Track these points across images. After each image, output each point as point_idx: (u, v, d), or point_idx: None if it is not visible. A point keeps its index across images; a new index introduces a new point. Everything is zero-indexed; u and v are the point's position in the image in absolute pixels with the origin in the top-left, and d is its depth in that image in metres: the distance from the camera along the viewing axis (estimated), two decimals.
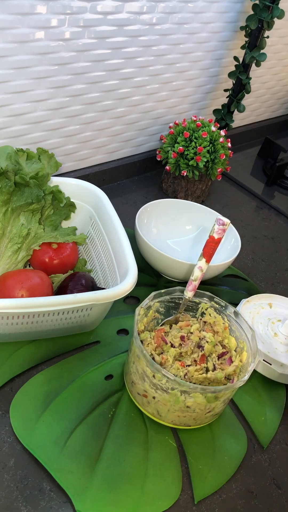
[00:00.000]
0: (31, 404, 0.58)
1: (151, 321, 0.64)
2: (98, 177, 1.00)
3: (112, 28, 0.81)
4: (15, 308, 0.54)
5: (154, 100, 1.00)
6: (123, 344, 0.69)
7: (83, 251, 0.78)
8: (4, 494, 0.51)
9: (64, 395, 0.60)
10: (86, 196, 0.76)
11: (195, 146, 0.93)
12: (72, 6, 0.74)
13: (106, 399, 0.61)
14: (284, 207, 1.12)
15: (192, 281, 0.63)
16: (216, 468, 0.58)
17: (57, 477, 0.53)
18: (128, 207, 0.98)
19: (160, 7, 0.86)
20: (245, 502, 0.56)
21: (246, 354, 0.60)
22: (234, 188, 1.15)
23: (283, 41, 1.22)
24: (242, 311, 0.74)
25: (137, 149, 1.07)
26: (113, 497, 0.52)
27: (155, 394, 0.57)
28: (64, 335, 0.67)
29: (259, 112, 1.38)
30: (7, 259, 0.67)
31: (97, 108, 0.90)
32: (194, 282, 0.63)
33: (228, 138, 1.02)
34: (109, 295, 0.59)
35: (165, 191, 1.05)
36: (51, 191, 0.71)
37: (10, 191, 0.65)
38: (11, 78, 0.74)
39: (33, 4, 0.69)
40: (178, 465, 0.57)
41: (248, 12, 0.99)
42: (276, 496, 0.57)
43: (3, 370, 0.61)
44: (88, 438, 0.57)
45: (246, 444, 0.61)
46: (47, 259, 0.70)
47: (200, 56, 1.02)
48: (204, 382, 0.57)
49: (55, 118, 0.85)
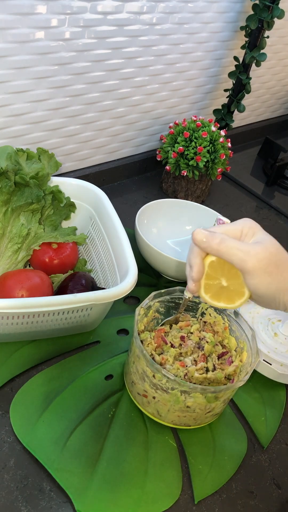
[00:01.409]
0: (31, 404, 0.58)
1: (151, 321, 0.64)
2: (98, 177, 1.00)
3: (112, 28, 0.81)
4: (15, 308, 0.54)
5: (154, 100, 1.00)
6: (123, 344, 0.69)
7: (83, 251, 0.78)
8: (4, 494, 0.51)
9: (64, 395, 0.60)
10: (86, 196, 0.76)
11: (195, 146, 0.93)
12: (72, 6, 0.74)
13: (106, 399, 0.61)
14: (284, 207, 1.12)
15: None
16: (216, 468, 0.58)
17: (57, 477, 0.53)
18: (128, 207, 0.98)
19: (160, 7, 0.86)
20: (245, 502, 0.56)
21: (246, 354, 0.59)
22: (234, 188, 1.15)
23: (283, 41, 1.22)
24: (242, 311, 0.74)
25: (137, 149, 1.07)
26: (113, 497, 0.52)
27: (155, 394, 0.57)
28: (64, 335, 0.67)
29: (259, 112, 1.38)
30: (7, 259, 0.67)
31: (97, 108, 0.90)
32: None
33: (228, 138, 1.02)
34: (109, 295, 0.59)
35: (165, 191, 1.05)
36: (51, 191, 0.71)
37: (10, 191, 0.65)
38: (11, 78, 0.74)
39: (33, 4, 0.69)
40: (178, 465, 0.57)
41: (248, 12, 0.99)
42: (276, 496, 0.57)
43: (3, 370, 0.61)
44: (88, 438, 0.57)
45: (246, 444, 0.61)
46: (47, 259, 0.70)
47: (200, 56, 1.02)
48: (204, 382, 0.57)
49: (55, 118, 0.85)
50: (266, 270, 0.46)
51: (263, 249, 0.46)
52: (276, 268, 0.46)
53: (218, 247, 0.47)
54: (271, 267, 0.46)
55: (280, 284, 0.47)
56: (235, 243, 0.46)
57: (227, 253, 0.46)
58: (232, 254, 0.46)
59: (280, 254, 0.47)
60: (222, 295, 0.51)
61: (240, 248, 0.46)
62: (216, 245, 0.47)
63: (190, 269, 0.50)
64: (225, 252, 0.46)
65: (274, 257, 0.46)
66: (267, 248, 0.46)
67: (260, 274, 0.46)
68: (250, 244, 0.47)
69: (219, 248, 0.46)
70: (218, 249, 0.47)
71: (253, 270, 0.46)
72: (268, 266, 0.46)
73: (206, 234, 0.47)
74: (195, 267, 0.50)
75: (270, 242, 0.47)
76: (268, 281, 0.47)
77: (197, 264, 0.49)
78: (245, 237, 0.49)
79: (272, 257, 0.46)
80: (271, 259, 0.46)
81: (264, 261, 0.46)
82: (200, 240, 0.47)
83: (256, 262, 0.46)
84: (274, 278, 0.47)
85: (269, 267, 0.46)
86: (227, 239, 0.47)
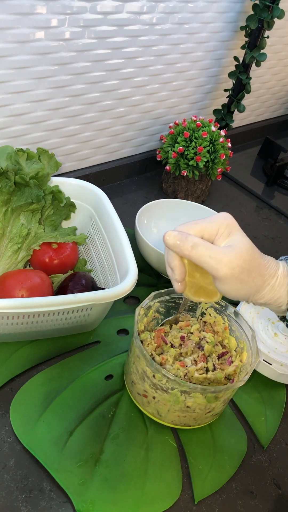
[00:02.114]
0: (31, 404, 0.58)
1: (151, 321, 0.64)
2: (98, 177, 1.00)
3: (112, 28, 0.81)
4: (15, 308, 0.54)
5: (154, 100, 1.00)
6: (123, 344, 0.69)
7: (83, 251, 0.78)
8: (4, 494, 0.51)
9: (64, 395, 0.60)
10: (86, 196, 0.76)
11: (195, 146, 0.93)
12: (72, 6, 0.74)
13: (106, 399, 0.61)
14: (284, 207, 1.12)
15: None
16: (216, 468, 0.58)
17: (57, 477, 0.53)
18: (128, 207, 0.98)
19: (160, 7, 0.86)
20: (245, 502, 0.56)
21: (246, 354, 0.59)
22: (234, 188, 1.15)
23: (283, 41, 1.22)
24: (242, 311, 0.74)
25: (137, 149, 1.07)
26: (113, 497, 0.52)
27: (155, 394, 0.57)
28: (64, 335, 0.67)
29: (259, 112, 1.38)
30: (7, 259, 0.67)
31: (97, 108, 0.90)
32: None
33: (228, 138, 1.02)
34: (109, 295, 0.59)
35: (165, 191, 1.05)
36: (51, 191, 0.71)
37: (10, 191, 0.65)
38: (11, 78, 0.74)
39: (33, 4, 0.69)
40: (178, 465, 0.57)
41: (248, 12, 0.99)
42: (276, 496, 0.57)
43: (3, 370, 0.61)
44: (88, 438, 0.57)
45: (246, 444, 0.61)
46: (47, 259, 0.70)
47: (200, 56, 1.02)
48: (204, 382, 0.57)
49: (55, 118, 0.85)
50: (237, 278, 0.45)
51: (236, 256, 0.45)
52: (248, 274, 0.46)
53: (189, 253, 0.45)
54: (243, 274, 0.45)
55: (250, 289, 0.47)
56: (207, 250, 0.45)
57: (199, 260, 0.45)
58: (203, 262, 0.45)
59: (253, 259, 0.46)
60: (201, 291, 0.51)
61: (212, 256, 0.45)
62: (187, 250, 0.45)
63: (172, 272, 0.49)
64: (196, 259, 0.45)
65: (247, 264, 0.45)
66: (241, 255, 0.45)
67: (232, 281, 0.45)
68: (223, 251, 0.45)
69: (191, 254, 0.45)
70: (189, 255, 0.45)
71: (224, 278, 0.45)
72: (240, 273, 0.45)
73: (178, 237, 0.46)
74: (176, 269, 0.48)
75: (245, 246, 0.46)
76: (239, 287, 0.46)
77: (177, 266, 0.48)
78: (220, 237, 0.47)
79: (245, 264, 0.45)
80: (244, 267, 0.45)
81: (237, 269, 0.45)
82: (173, 244, 0.46)
83: (228, 270, 0.45)
84: (245, 284, 0.46)
85: (241, 275, 0.45)
86: (199, 245, 0.45)
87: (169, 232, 0.47)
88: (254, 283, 0.47)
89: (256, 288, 0.47)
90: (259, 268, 0.47)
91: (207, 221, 0.48)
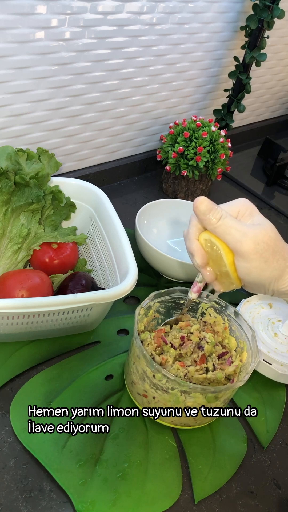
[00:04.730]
0: (31, 404, 0.58)
1: (151, 321, 0.64)
2: (98, 177, 1.00)
3: (112, 28, 0.81)
4: (15, 308, 0.54)
5: (154, 100, 1.00)
6: (123, 344, 0.69)
7: (83, 251, 0.78)
8: (4, 494, 0.51)
9: (64, 395, 0.60)
10: (86, 196, 0.76)
11: (195, 146, 0.93)
12: (72, 6, 0.74)
13: (106, 399, 0.61)
14: (284, 207, 1.12)
15: (198, 283, 0.62)
16: (216, 468, 0.58)
17: (57, 477, 0.53)
18: (128, 207, 0.98)
19: (160, 7, 0.86)
20: (245, 502, 0.56)
21: (246, 354, 0.59)
22: (234, 188, 1.15)
23: (283, 41, 1.22)
24: (242, 311, 0.74)
25: (137, 149, 1.07)
26: (113, 497, 0.52)
27: (155, 394, 0.57)
28: (64, 335, 0.67)
29: (259, 112, 1.38)
30: (7, 259, 0.67)
31: (97, 108, 0.90)
32: (199, 284, 0.62)
33: (228, 138, 1.02)
34: (109, 295, 0.59)
35: (165, 191, 1.05)
36: (51, 191, 0.71)
37: (10, 191, 0.65)
38: (11, 78, 0.74)
39: (33, 4, 0.69)
40: (178, 465, 0.57)
41: (248, 12, 0.99)
42: (276, 496, 0.57)
43: (3, 370, 0.61)
44: (88, 438, 0.57)
45: (246, 444, 0.61)
46: (47, 259, 0.70)
47: (200, 56, 1.02)
48: (204, 382, 0.57)
49: (55, 118, 0.85)
50: (262, 255, 0.43)
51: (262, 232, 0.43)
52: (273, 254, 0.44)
53: (216, 222, 0.44)
54: (268, 252, 0.43)
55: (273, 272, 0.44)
56: (234, 222, 0.44)
57: (224, 231, 0.43)
58: (228, 233, 0.43)
59: (278, 240, 0.45)
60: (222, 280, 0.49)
61: (238, 228, 0.43)
62: (215, 219, 0.44)
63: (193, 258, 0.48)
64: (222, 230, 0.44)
65: (273, 242, 0.43)
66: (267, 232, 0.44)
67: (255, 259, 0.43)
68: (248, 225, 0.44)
69: (217, 224, 0.44)
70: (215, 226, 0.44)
71: (248, 253, 0.43)
72: (265, 251, 0.43)
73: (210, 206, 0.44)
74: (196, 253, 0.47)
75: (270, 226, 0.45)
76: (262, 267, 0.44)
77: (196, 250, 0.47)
78: (242, 216, 0.46)
79: (271, 242, 0.43)
80: (269, 244, 0.43)
81: (262, 245, 0.43)
82: (204, 210, 0.44)
83: (252, 244, 0.43)
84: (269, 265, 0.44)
85: (266, 253, 0.43)
86: (227, 217, 0.44)
87: (200, 198, 0.44)
88: (278, 264, 0.44)
89: (280, 271, 0.45)
90: (283, 250, 0.45)
91: (226, 204, 0.47)
